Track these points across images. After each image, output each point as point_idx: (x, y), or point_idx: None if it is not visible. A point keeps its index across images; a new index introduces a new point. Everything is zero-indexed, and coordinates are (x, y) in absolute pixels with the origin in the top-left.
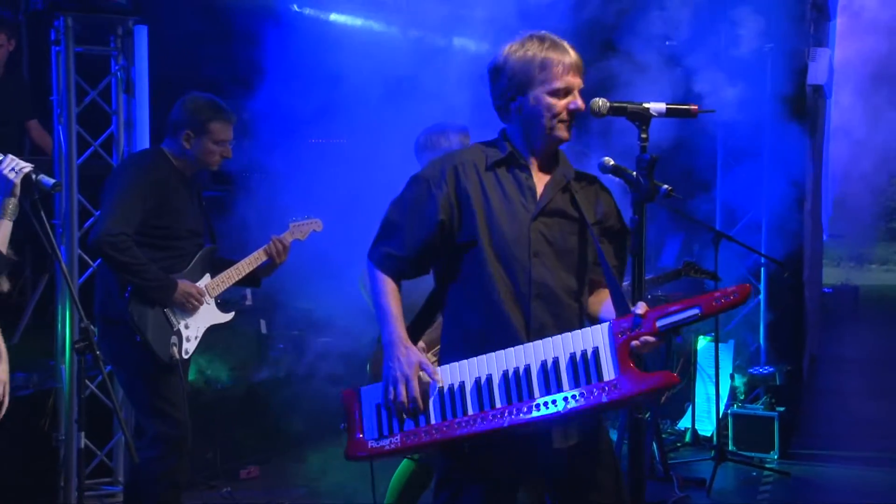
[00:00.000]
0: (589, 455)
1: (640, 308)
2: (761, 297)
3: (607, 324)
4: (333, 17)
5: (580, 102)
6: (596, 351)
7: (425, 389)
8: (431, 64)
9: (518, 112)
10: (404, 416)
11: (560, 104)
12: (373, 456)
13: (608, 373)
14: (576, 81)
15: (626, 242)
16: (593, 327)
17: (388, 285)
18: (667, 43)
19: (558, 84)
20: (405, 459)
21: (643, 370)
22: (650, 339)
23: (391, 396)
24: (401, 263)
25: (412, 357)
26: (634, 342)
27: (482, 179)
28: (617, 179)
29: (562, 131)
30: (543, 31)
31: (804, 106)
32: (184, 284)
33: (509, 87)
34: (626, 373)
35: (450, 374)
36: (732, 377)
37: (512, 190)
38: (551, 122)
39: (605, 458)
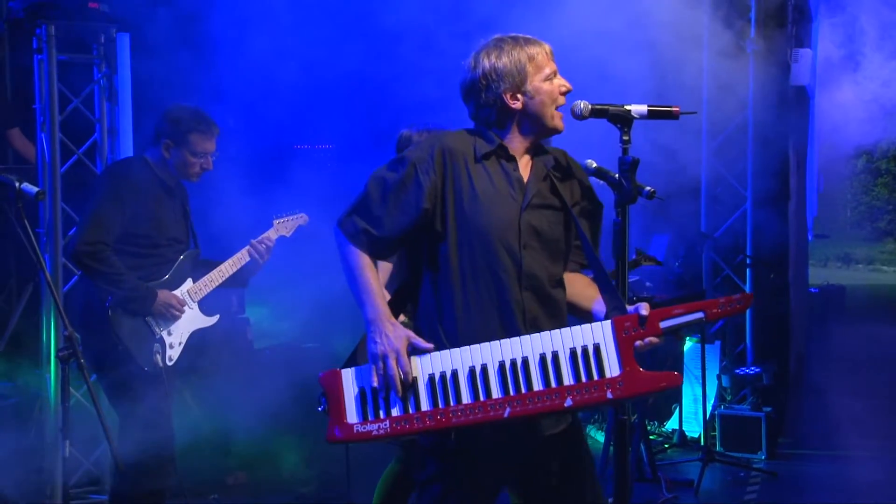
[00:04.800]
0: (568, 457)
1: (644, 309)
2: None
3: (609, 321)
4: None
5: (567, 83)
6: (597, 347)
7: (416, 364)
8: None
9: (522, 109)
10: (393, 398)
11: (555, 86)
12: (358, 440)
13: (610, 369)
14: (556, 66)
15: (600, 219)
16: (593, 324)
17: (364, 259)
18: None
19: (548, 69)
20: (391, 463)
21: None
22: (654, 339)
23: (381, 373)
24: (376, 243)
25: (399, 331)
26: (639, 342)
27: (470, 170)
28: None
29: (559, 121)
30: (505, 34)
31: (787, 107)
32: (163, 294)
33: (505, 88)
34: (631, 371)
35: (441, 362)
36: (719, 378)
37: (500, 181)
38: (552, 110)
39: (578, 464)
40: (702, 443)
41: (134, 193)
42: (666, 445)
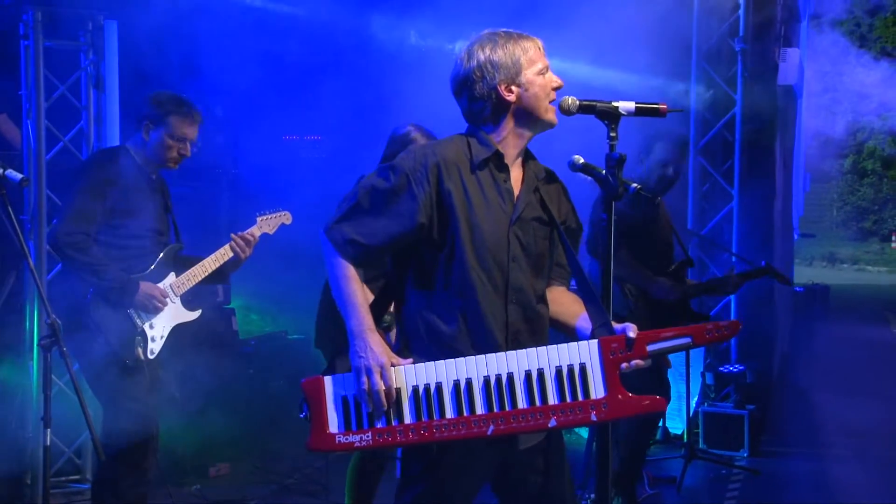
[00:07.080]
0: (544, 460)
1: (632, 331)
2: (732, 295)
3: (596, 341)
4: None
5: (559, 79)
6: (583, 367)
7: (400, 376)
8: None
9: (516, 101)
10: (376, 411)
11: (547, 80)
12: (340, 450)
13: (595, 391)
14: (547, 62)
15: (579, 240)
16: (580, 343)
17: (349, 270)
18: None
19: (541, 63)
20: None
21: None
22: (640, 362)
23: (365, 387)
24: (364, 253)
25: (384, 346)
26: (624, 364)
27: (464, 181)
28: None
29: (553, 115)
30: (496, 29)
31: (775, 106)
32: (145, 286)
33: (500, 79)
34: (616, 393)
35: (425, 374)
36: (703, 375)
37: (491, 193)
38: (546, 103)
39: (558, 462)
40: (685, 440)
41: (114, 184)
42: (649, 442)
